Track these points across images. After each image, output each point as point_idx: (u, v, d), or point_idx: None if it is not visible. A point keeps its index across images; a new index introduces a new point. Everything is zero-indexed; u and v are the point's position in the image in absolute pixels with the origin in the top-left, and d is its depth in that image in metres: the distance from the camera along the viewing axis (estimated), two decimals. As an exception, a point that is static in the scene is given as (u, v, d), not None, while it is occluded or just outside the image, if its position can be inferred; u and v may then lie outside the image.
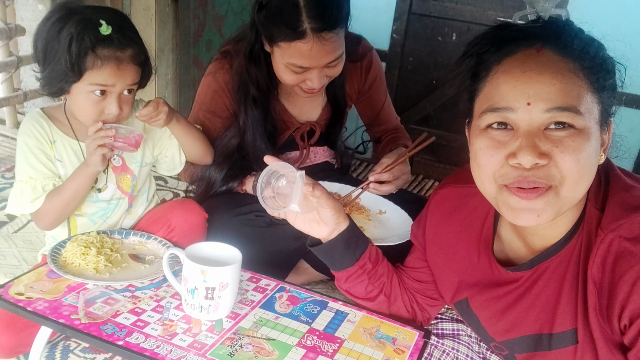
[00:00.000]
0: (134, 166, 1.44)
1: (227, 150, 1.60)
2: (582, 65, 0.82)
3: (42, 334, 1.12)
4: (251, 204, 1.56)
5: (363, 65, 1.73)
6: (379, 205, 1.61)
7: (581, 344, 0.90)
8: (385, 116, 1.84)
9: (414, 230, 1.20)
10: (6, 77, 2.62)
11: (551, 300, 0.93)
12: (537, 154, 0.80)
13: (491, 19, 2.88)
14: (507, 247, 1.01)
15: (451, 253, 1.10)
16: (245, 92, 1.57)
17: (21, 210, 1.31)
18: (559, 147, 0.80)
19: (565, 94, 0.80)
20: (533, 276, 0.95)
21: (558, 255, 0.91)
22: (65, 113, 1.36)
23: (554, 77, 0.80)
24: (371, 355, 1.04)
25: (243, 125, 1.59)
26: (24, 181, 1.30)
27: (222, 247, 1.13)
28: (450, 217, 1.09)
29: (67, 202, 1.32)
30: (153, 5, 2.58)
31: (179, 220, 1.41)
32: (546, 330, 0.94)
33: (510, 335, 1.01)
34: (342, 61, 1.48)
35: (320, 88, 1.51)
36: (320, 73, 1.45)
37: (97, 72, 1.22)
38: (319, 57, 1.40)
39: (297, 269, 1.71)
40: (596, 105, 0.82)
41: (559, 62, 0.81)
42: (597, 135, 0.83)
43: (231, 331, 1.06)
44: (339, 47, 1.43)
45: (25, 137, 1.31)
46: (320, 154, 1.80)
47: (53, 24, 1.22)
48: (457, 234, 1.08)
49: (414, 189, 2.80)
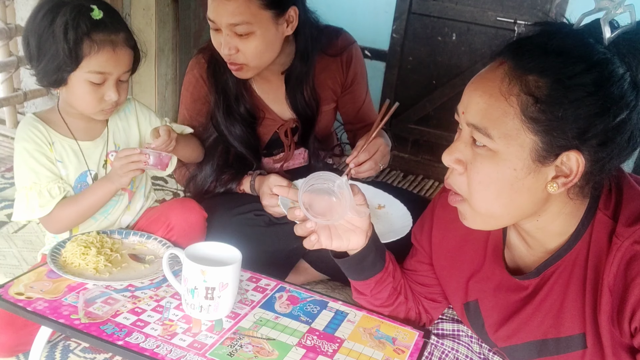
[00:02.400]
0: None
1: (210, 142, 1.60)
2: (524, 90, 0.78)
3: (42, 334, 1.12)
4: (250, 204, 1.56)
5: (343, 60, 1.69)
6: (377, 199, 1.59)
7: (590, 349, 0.89)
8: (366, 112, 1.80)
9: (416, 233, 1.18)
10: (6, 77, 2.62)
11: (555, 305, 0.93)
12: (453, 159, 0.86)
13: (491, 19, 2.88)
14: (516, 255, 1.01)
15: (458, 256, 1.09)
16: (215, 71, 1.57)
17: (29, 216, 1.30)
18: (472, 163, 0.84)
19: (483, 115, 0.81)
20: (539, 283, 0.95)
21: (562, 261, 0.91)
22: (60, 113, 1.36)
23: (482, 96, 0.82)
24: (371, 355, 1.04)
25: (215, 101, 1.58)
26: (28, 187, 1.29)
27: (222, 247, 1.13)
28: (457, 221, 1.07)
29: (83, 213, 1.34)
30: (153, 5, 2.59)
31: (179, 219, 1.41)
32: (552, 335, 0.94)
33: (512, 342, 1.01)
34: (255, 39, 1.42)
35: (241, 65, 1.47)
36: (227, 37, 1.42)
37: (94, 58, 1.22)
38: (217, 10, 1.40)
39: (297, 269, 1.71)
40: (529, 134, 0.79)
41: (498, 82, 0.80)
42: (521, 164, 0.81)
43: (231, 331, 1.06)
44: (241, 12, 1.39)
45: (24, 143, 1.31)
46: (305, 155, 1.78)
47: (43, 16, 1.22)
48: (464, 237, 1.07)
49: (414, 188, 2.80)
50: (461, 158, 0.86)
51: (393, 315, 1.18)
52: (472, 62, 2.97)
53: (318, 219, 0.96)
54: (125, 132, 1.44)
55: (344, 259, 1.08)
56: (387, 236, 1.36)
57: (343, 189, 0.96)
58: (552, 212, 0.88)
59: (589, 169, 0.81)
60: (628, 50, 0.78)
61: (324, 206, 0.97)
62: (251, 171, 1.63)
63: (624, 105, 0.77)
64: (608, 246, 0.85)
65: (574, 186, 0.84)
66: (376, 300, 1.15)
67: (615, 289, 0.84)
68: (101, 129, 1.41)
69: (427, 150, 3.22)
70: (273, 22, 1.44)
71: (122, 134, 1.44)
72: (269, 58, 1.50)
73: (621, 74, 0.77)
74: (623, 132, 0.79)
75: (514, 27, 2.80)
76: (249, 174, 1.62)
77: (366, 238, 1.05)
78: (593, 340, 0.88)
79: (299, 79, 1.62)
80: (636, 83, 0.79)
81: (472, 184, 0.85)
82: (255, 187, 1.58)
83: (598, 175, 0.83)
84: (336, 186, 0.96)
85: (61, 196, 1.32)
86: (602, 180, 0.86)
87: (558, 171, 0.82)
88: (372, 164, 1.48)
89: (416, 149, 3.22)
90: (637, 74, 0.78)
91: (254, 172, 1.61)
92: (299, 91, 1.63)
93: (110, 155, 1.41)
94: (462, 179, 0.86)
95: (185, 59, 2.83)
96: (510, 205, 0.85)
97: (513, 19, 2.81)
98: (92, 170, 1.39)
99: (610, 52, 0.78)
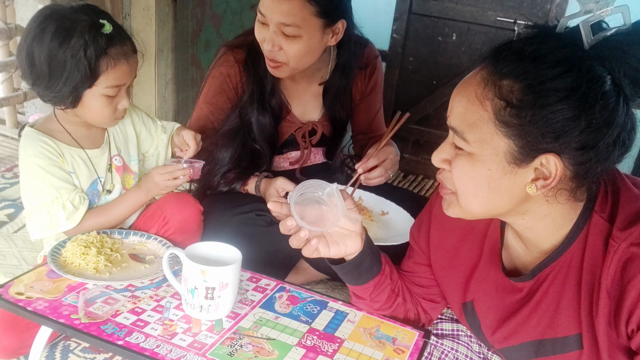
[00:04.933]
0: (132, 165, 1.46)
1: (231, 130, 1.61)
2: (498, 95, 0.80)
3: (42, 334, 1.12)
4: (251, 203, 1.56)
5: (367, 71, 1.74)
6: (381, 206, 1.61)
7: (586, 349, 0.89)
8: (378, 123, 1.84)
9: (414, 233, 1.19)
10: (6, 77, 2.62)
11: (552, 306, 0.93)
12: (439, 159, 0.91)
13: (491, 19, 2.88)
14: (513, 255, 1.01)
15: (456, 255, 1.09)
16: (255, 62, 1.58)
17: (53, 231, 1.29)
18: (454, 162, 0.88)
19: (462, 119, 0.85)
20: (535, 285, 0.95)
21: (557, 262, 0.91)
22: (59, 122, 1.34)
23: (461, 100, 0.85)
24: (371, 355, 1.04)
25: (251, 91, 1.59)
26: (49, 203, 1.27)
27: (222, 247, 1.13)
28: (455, 221, 1.07)
29: (114, 221, 1.37)
30: (153, 5, 2.58)
31: (174, 213, 1.41)
32: (549, 335, 0.94)
33: (509, 343, 1.01)
34: (300, 42, 1.44)
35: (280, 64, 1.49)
36: (273, 33, 1.43)
37: (112, 73, 1.23)
38: (272, 7, 1.41)
39: (297, 269, 1.71)
40: (502, 138, 0.81)
41: (477, 86, 0.83)
42: (496, 166, 0.83)
43: (231, 331, 1.06)
44: (294, 13, 1.40)
45: (35, 159, 1.27)
46: (321, 155, 1.80)
47: (53, 36, 1.18)
48: (461, 237, 1.08)
49: (414, 188, 2.80)
50: (447, 157, 0.90)
51: (393, 315, 1.18)
52: (472, 62, 2.93)
53: (312, 227, 0.97)
54: (123, 134, 1.44)
55: (342, 265, 1.09)
56: (393, 240, 1.37)
57: (333, 196, 0.97)
58: (537, 213, 0.89)
59: (574, 172, 0.82)
60: (611, 52, 0.77)
61: (315, 215, 0.98)
62: (257, 172, 1.63)
63: (601, 109, 0.77)
64: (604, 249, 0.85)
65: (564, 190, 0.84)
66: (375, 303, 1.16)
67: (612, 292, 0.84)
68: (102, 135, 1.40)
69: (428, 150, 3.21)
70: (321, 31, 1.46)
71: (120, 137, 1.44)
72: (307, 63, 1.52)
73: (598, 78, 0.77)
74: (603, 136, 0.78)
75: (514, 27, 2.80)
76: (255, 175, 1.62)
77: (362, 242, 1.05)
78: (589, 341, 0.89)
79: (338, 92, 1.67)
80: (619, 86, 0.78)
81: (455, 181, 0.89)
82: (261, 189, 1.59)
83: (584, 178, 0.83)
84: (326, 194, 0.97)
85: (84, 206, 1.31)
86: (594, 183, 0.86)
87: (538, 173, 0.83)
88: (382, 170, 1.52)
89: (416, 149, 3.23)
90: (620, 76, 0.77)
91: (261, 173, 1.61)
92: (337, 102, 1.69)
93: (114, 160, 1.41)
94: (449, 175, 0.91)
95: (182, 59, 2.83)
96: (488, 202, 0.88)
97: (513, 19, 2.81)
98: (101, 177, 1.38)
99: (590, 56, 0.78)
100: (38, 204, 1.28)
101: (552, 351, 0.94)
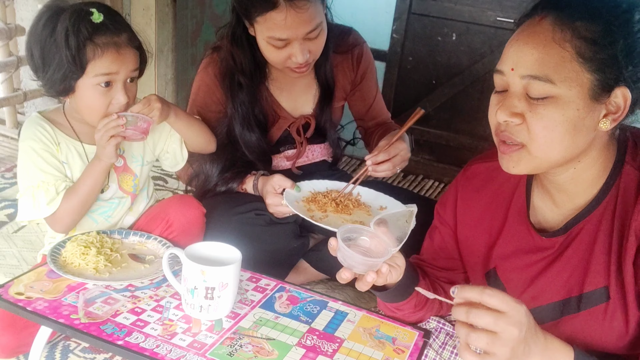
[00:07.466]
0: (134, 165, 1.44)
1: (220, 143, 1.60)
2: (576, 35, 0.84)
3: (41, 334, 1.12)
4: (251, 203, 1.56)
5: (354, 56, 1.71)
6: (379, 201, 1.60)
7: (613, 300, 0.92)
8: (377, 110, 1.82)
9: (439, 211, 1.20)
10: (6, 77, 2.62)
11: (582, 262, 0.96)
12: (509, 113, 0.89)
13: (490, 19, 2.89)
14: (540, 216, 1.04)
15: (480, 223, 1.12)
16: (231, 77, 1.58)
17: (37, 215, 1.29)
18: (532, 112, 0.87)
19: (540, 64, 0.86)
20: (566, 241, 0.98)
21: (591, 217, 0.95)
22: (65, 115, 1.36)
23: (535, 47, 0.86)
24: (371, 355, 1.04)
25: (231, 111, 1.58)
26: (35, 186, 1.28)
27: (222, 246, 1.13)
28: (481, 191, 1.11)
29: (84, 200, 1.32)
30: (153, 5, 2.59)
31: (177, 215, 1.41)
32: (575, 292, 0.97)
33: (536, 304, 1.02)
34: (323, 34, 1.47)
35: (307, 65, 1.50)
36: (301, 46, 1.44)
37: (99, 62, 1.22)
38: (295, 26, 1.40)
39: (297, 269, 1.71)
40: (586, 74, 0.85)
41: (548, 33, 0.86)
42: (582, 104, 0.86)
43: (231, 331, 1.06)
44: (315, 15, 1.42)
45: (31, 142, 1.29)
46: (318, 152, 1.80)
47: (44, 26, 1.21)
48: (486, 205, 1.11)
49: (414, 188, 2.80)
50: (517, 111, 0.89)
51: (424, 315, 1.17)
52: (472, 61, 2.97)
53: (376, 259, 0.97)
54: None
55: (386, 292, 1.09)
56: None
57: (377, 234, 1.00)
58: (592, 157, 0.92)
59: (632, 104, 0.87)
60: None
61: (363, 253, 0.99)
62: (254, 171, 1.63)
63: None
64: (636, 196, 0.90)
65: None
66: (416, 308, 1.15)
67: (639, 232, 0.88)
68: None
69: (427, 150, 3.22)
70: (323, 11, 1.49)
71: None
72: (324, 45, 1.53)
73: None
74: None
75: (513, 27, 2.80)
76: (252, 173, 1.62)
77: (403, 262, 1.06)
78: (616, 291, 0.92)
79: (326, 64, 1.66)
80: None
81: (535, 130, 0.88)
82: (259, 187, 1.58)
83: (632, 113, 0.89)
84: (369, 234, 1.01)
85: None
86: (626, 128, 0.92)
87: (607, 109, 0.87)
88: (391, 166, 1.51)
89: (416, 148, 3.22)
90: None
91: (258, 172, 1.61)
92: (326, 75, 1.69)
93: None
94: (521, 128, 0.89)
95: (182, 59, 2.84)
96: (572, 145, 0.88)
97: (513, 19, 2.81)
98: None
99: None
100: (26, 186, 1.30)
101: (577, 308, 0.96)
